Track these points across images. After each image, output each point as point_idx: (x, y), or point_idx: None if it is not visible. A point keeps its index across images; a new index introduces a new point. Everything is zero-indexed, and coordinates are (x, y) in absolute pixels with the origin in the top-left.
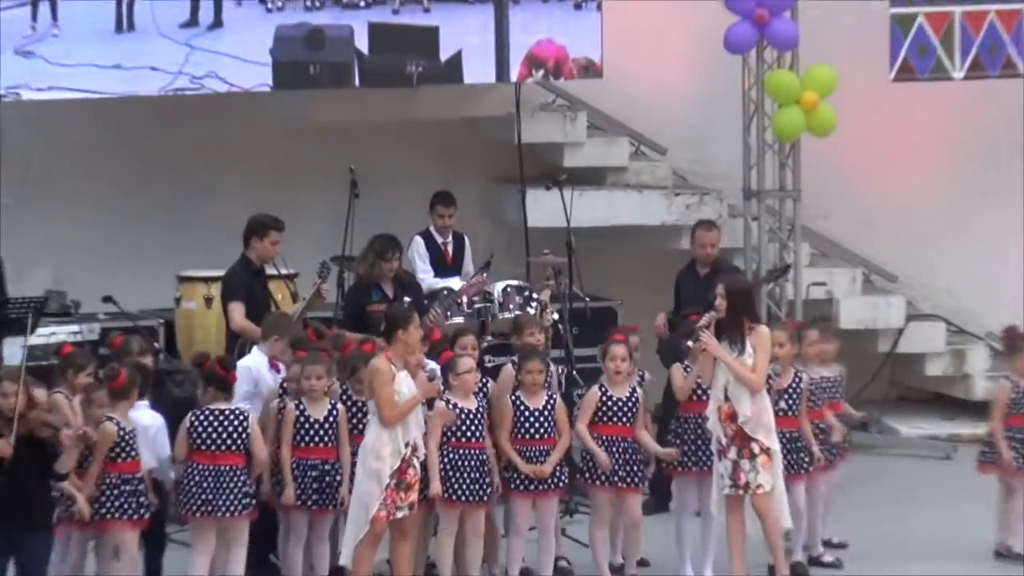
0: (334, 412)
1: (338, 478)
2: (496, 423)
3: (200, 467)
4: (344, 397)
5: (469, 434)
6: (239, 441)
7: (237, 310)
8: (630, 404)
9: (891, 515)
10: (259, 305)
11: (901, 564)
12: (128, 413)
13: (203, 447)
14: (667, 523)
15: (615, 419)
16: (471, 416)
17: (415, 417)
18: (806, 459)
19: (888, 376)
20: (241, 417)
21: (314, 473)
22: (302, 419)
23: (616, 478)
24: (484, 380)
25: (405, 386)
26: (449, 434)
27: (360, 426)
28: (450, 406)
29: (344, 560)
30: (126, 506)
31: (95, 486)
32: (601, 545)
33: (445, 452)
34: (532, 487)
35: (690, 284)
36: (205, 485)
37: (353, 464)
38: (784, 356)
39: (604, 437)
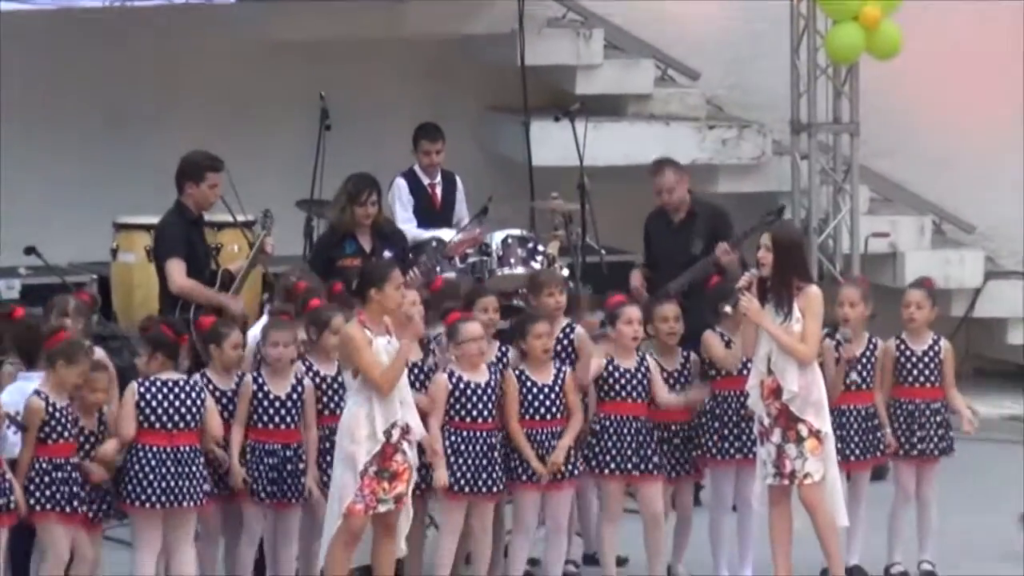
0: (299, 388)
1: (301, 466)
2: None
3: (154, 450)
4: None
5: (475, 412)
6: (197, 416)
7: (176, 268)
8: (639, 375)
9: (963, 510)
10: (199, 260)
11: (978, 572)
12: (58, 385)
13: (157, 425)
14: (698, 517)
15: (624, 394)
16: (479, 391)
17: (399, 392)
18: (882, 441)
19: (963, 345)
20: (198, 388)
21: (271, 460)
22: (260, 395)
23: (629, 464)
24: (504, 349)
25: (385, 355)
26: (452, 412)
27: (332, 405)
28: (453, 379)
29: (321, 560)
30: (58, 496)
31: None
32: (610, 544)
33: (447, 433)
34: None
35: (663, 233)
36: (163, 471)
37: (323, 449)
38: (855, 318)
39: (612, 417)
